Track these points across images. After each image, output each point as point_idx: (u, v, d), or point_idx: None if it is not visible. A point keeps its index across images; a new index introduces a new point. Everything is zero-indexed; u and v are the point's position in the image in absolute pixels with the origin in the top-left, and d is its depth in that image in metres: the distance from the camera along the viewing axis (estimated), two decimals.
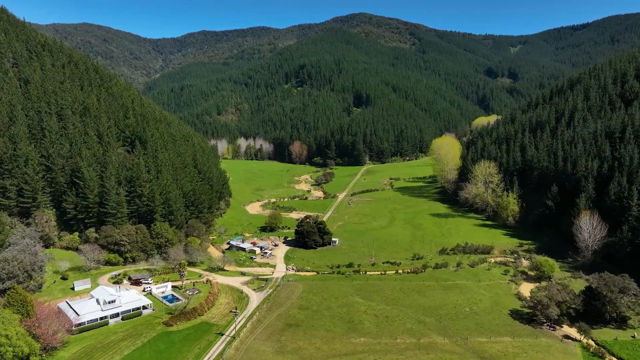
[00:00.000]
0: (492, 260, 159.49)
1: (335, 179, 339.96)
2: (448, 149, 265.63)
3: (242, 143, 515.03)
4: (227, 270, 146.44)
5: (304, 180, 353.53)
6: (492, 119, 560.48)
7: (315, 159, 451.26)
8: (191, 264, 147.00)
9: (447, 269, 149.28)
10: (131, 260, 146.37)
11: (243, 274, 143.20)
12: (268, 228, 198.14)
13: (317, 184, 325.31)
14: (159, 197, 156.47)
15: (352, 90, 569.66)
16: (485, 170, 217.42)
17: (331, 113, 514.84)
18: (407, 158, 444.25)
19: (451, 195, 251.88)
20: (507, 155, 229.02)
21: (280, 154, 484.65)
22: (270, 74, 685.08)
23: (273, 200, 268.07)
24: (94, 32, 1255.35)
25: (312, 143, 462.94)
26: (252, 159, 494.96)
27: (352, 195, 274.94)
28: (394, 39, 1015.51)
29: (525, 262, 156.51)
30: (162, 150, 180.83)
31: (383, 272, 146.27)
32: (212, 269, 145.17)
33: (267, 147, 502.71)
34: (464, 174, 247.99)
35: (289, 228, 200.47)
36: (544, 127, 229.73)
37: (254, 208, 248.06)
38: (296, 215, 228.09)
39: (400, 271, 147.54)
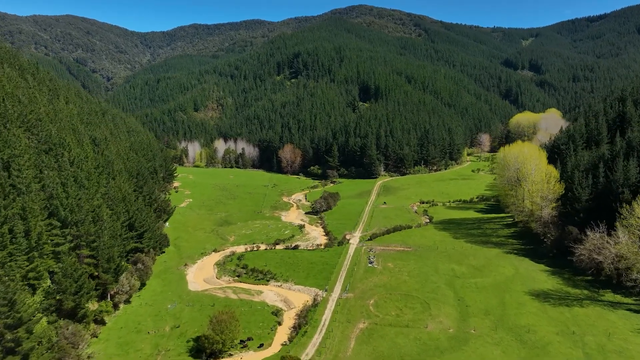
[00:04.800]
0: None
1: (341, 203, 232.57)
2: (536, 164, 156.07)
3: (220, 146, 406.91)
4: None
5: (295, 203, 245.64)
6: (530, 115, 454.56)
7: (311, 168, 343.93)
8: None
9: None
10: None
11: None
12: (207, 353, 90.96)
13: (315, 212, 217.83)
14: None
15: (357, 81, 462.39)
16: None
17: (332, 109, 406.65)
18: (434, 168, 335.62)
19: (550, 248, 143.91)
20: None
21: (267, 160, 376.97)
22: (260, 64, 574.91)
23: (241, 249, 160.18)
24: (77, 25, 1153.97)
25: (308, 147, 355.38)
26: (231, 167, 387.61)
27: (371, 238, 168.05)
28: (398, 29, 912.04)
29: None
30: None
31: None
32: None
33: (250, 151, 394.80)
34: (574, 210, 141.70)
35: (260, 346, 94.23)
36: None
37: (204, 271, 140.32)
38: (273, 292, 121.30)
39: None
